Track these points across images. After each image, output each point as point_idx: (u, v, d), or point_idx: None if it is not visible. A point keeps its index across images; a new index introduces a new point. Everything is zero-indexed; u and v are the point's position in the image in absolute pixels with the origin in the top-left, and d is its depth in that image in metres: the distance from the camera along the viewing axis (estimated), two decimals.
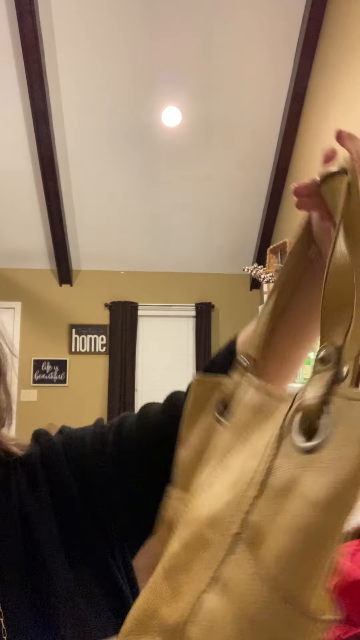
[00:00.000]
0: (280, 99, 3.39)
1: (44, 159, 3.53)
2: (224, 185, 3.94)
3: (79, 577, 0.49)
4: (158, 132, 3.56)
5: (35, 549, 0.48)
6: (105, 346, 4.60)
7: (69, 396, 4.54)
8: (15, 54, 3.08)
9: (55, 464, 0.54)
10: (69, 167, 3.76)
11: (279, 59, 3.19)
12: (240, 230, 4.32)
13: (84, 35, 3.06)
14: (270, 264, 3.20)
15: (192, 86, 3.31)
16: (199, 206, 4.10)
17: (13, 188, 3.87)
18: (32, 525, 0.49)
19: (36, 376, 4.52)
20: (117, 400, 4.44)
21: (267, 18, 3.00)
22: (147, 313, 4.69)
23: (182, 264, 4.66)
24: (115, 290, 4.70)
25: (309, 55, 3.02)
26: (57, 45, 3.10)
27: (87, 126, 3.51)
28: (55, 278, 4.65)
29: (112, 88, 3.32)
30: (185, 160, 3.75)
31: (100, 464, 0.51)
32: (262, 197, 4.03)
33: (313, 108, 3.05)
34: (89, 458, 0.52)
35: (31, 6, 2.78)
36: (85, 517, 0.51)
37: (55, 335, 4.59)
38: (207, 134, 3.58)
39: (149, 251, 4.52)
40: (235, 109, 3.44)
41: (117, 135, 3.58)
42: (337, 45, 2.66)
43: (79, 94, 3.34)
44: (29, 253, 4.48)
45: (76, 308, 4.64)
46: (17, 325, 4.57)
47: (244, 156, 3.73)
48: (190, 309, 4.69)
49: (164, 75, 3.26)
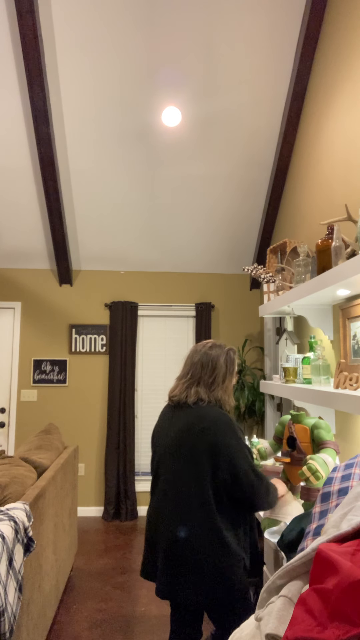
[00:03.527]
0: (280, 99, 3.39)
1: (44, 159, 3.53)
2: (224, 186, 3.94)
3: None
4: (158, 132, 3.56)
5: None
6: (105, 346, 4.60)
7: (69, 396, 4.54)
8: (15, 54, 3.08)
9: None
10: (69, 167, 3.76)
11: (279, 59, 3.19)
12: (240, 230, 4.32)
13: (84, 35, 3.06)
14: (270, 264, 3.20)
15: (192, 86, 3.31)
16: (199, 206, 4.10)
17: (13, 188, 3.87)
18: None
19: (36, 376, 4.52)
20: (117, 400, 4.44)
21: (267, 18, 3.00)
22: (147, 313, 4.69)
23: (182, 264, 4.66)
24: (115, 290, 4.70)
25: (309, 55, 3.02)
26: (57, 45, 3.10)
27: (87, 126, 3.51)
28: (55, 278, 4.65)
29: (112, 88, 3.32)
30: (186, 160, 3.75)
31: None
32: (262, 197, 4.03)
33: (313, 108, 3.05)
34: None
35: (31, 6, 2.79)
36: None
37: (55, 335, 4.59)
38: (207, 134, 3.58)
39: (149, 251, 4.52)
40: (235, 109, 3.44)
41: (117, 135, 3.58)
42: (337, 45, 2.66)
43: (79, 94, 3.34)
44: (29, 253, 4.48)
45: (76, 308, 4.65)
46: (17, 325, 4.57)
47: (244, 156, 3.73)
48: (190, 309, 4.69)
49: (164, 75, 3.26)
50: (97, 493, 4.50)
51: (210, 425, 1.62)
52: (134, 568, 3.33)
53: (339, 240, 1.84)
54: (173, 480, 1.65)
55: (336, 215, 2.61)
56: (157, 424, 1.85)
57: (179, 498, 1.63)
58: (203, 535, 1.58)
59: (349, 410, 1.64)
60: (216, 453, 1.60)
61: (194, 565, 1.58)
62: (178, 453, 1.65)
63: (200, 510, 1.60)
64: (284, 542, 1.64)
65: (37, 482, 2.28)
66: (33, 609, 1.97)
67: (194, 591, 1.57)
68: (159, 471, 1.75)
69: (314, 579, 0.64)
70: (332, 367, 2.58)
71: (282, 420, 2.32)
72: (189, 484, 1.62)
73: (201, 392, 1.72)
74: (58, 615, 2.69)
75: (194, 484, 1.61)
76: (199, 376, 1.74)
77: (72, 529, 3.05)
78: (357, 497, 0.83)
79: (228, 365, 1.77)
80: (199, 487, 1.61)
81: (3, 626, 1.49)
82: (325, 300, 2.33)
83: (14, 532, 1.66)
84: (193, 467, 1.62)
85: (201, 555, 1.58)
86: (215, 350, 1.77)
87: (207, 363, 1.75)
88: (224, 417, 1.66)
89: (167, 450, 1.70)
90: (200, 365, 1.75)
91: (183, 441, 1.65)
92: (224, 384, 1.75)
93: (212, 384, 1.74)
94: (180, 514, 1.61)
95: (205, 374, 1.74)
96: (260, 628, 0.70)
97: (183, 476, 1.63)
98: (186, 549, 1.59)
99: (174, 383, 1.82)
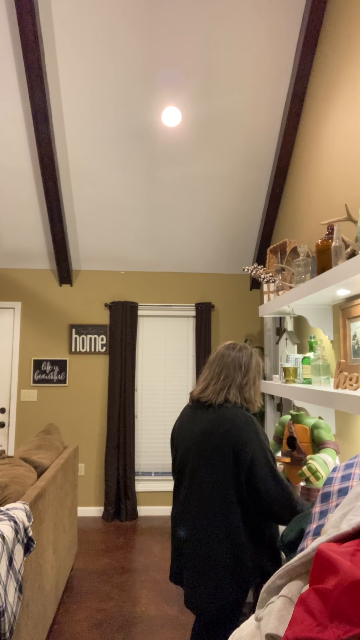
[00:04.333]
0: (280, 99, 3.39)
1: (44, 159, 3.53)
2: (224, 185, 3.94)
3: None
4: (158, 132, 3.56)
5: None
6: (105, 346, 4.60)
7: (69, 396, 4.54)
8: (15, 54, 3.08)
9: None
10: (69, 167, 3.76)
11: (279, 59, 3.19)
12: (240, 230, 4.32)
13: (84, 35, 3.06)
14: (270, 264, 3.20)
15: (192, 86, 3.31)
16: (199, 206, 4.10)
17: (13, 188, 3.87)
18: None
19: (36, 376, 4.52)
20: (117, 400, 4.44)
21: (267, 18, 3.00)
22: (147, 313, 4.69)
23: (182, 264, 4.66)
24: (115, 290, 4.70)
25: (309, 55, 3.02)
26: (57, 45, 3.10)
27: (87, 126, 3.51)
28: (55, 278, 4.66)
29: (112, 88, 3.32)
30: (185, 160, 3.75)
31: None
32: (262, 197, 4.03)
33: (313, 108, 3.05)
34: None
35: (31, 6, 2.79)
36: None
37: (55, 335, 4.59)
38: (207, 134, 3.58)
39: (149, 251, 4.52)
40: (235, 108, 3.44)
41: (117, 135, 3.58)
42: (337, 45, 2.66)
43: (79, 94, 3.34)
44: (29, 253, 4.48)
45: (76, 308, 4.65)
46: (17, 325, 4.57)
47: (244, 156, 3.73)
48: (190, 309, 4.69)
49: (164, 75, 3.26)
50: (97, 493, 4.50)
51: (233, 427, 1.62)
52: (134, 568, 3.34)
53: (339, 240, 1.84)
54: (197, 483, 1.64)
55: (336, 215, 2.60)
56: (177, 423, 1.85)
57: (201, 502, 1.61)
58: (222, 540, 1.57)
59: (349, 410, 1.64)
60: (239, 456, 1.59)
61: (211, 573, 1.56)
62: (201, 454, 1.64)
63: (228, 520, 1.58)
64: (283, 542, 1.64)
65: (37, 482, 2.28)
66: (33, 609, 1.97)
67: (206, 600, 1.55)
68: (181, 473, 1.75)
69: (314, 579, 0.64)
70: (332, 367, 2.58)
71: (282, 420, 2.32)
72: (211, 486, 1.60)
73: (233, 393, 1.74)
74: (58, 615, 2.69)
75: (217, 486, 1.60)
76: (232, 377, 1.76)
77: (72, 529, 3.05)
78: (357, 497, 0.83)
79: (258, 367, 1.82)
80: (222, 490, 1.60)
81: (3, 626, 1.49)
82: (325, 300, 2.33)
83: (14, 532, 1.66)
84: (217, 470, 1.61)
85: (218, 562, 1.56)
86: (245, 351, 1.82)
87: (238, 364, 1.78)
88: (248, 419, 1.66)
89: (190, 451, 1.70)
90: (232, 367, 1.78)
91: (207, 443, 1.64)
92: (254, 385, 1.79)
93: (245, 385, 1.76)
94: (202, 519, 1.60)
95: (239, 376, 1.76)
96: (260, 628, 0.71)
97: (206, 479, 1.62)
98: (205, 555, 1.58)
99: (199, 384, 1.83)
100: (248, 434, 1.61)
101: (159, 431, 4.61)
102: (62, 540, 2.68)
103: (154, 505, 4.52)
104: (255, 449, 1.60)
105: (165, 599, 2.90)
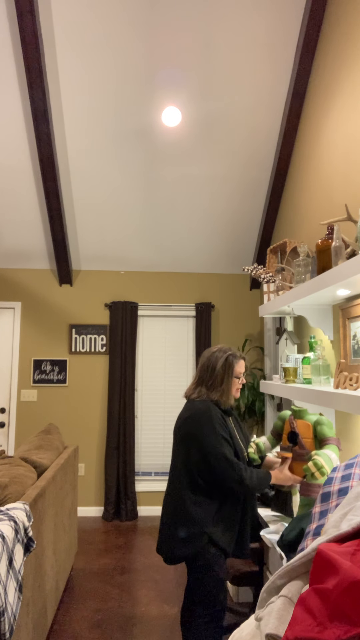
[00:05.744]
0: (280, 99, 3.39)
1: (43, 159, 3.53)
2: (224, 185, 3.94)
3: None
4: (158, 132, 3.56)
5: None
6: (105, 346, 4.60)
7: (69, 396, 4.54)
8: (15, 54, 3.08)
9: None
10: (69, 167, 3.76)
11: (279, 58, 3.19)
12: (240, 230, 4.32)
13: (84, 35, 3.06)
14: (270, 264, 3.20)
15: (192, 86, 3.31)
16: (199, 206, 4.10)
17: (13, 188, 3.87)
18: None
19: (36, 376, 4.52)
20: (117, 400, 4.44)
21: (267, 18, 3.00)
22: (147, 313, 4.69)
23: (182, 264, 4.66)
24: (115, 290, 4.70)
25: (309, 55, 3.02)
26: (57, 45, 3.10)
27: (87, 126, 3.51)
28: (55, 278, 4.66)
29: (112, 88, 3.32)
30: (185, 160, 3.75)
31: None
32: (262, 196, 4.03)
33: (313, 107, 3.05)
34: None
35: (31, 6, 2.79)
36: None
37: (55, 335, 4.59)
38: (207, 134, 3.58)
39: (149, 251, 4.52)
40: (235, 108, 3.44)
41: (117, 135, 3.58)
42: (337, 45, 2.66)
43: (79, 94, 3.34)
44: (29, 253, 4.48)
45: (76, 308, 4.65)
46: (17, 325, 4.57)
47: (244, 156, 3.73)
48: (190, 309, 4.69)
49: (164, 75, 3.26)
50: (97, 493, 4.50)
51: (191, 415, 1.93)
52: (134, 568, 3.34)
53: (339, 240, 1.84)
54: (172, 458, 2.02)
55: (336, 215, 2.61)
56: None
57: (171, 477, 1.99)
58: (174, 506, 1.92)
59: (349, 410, 1.64)
60: (191, 440, 1.91)
61: (166, 528, 1.94)
62: (175, 436, 2.01)
63: (178, 487, 1.92)
64: (283, 542, 1.64)
65: (37, 482, 2.28)
66: (33, 609, 1.97)
67: (164, 548, 1.94)
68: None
69: (314, 579, 0.64)
70: (332, 367, 2.58)
71: (281, 415, 2.31)
72: (176, 466, 1.96)
73: (201, 390, 2.00)
74: (58, 615, 2.69)
75: (179, 465, 1.94)
76: (203, 378, 2.02)
77: (72, 529, 3.05)
78: (357, 497, 0.83)
79: (225, 368, 1.99)
80: (180, 468, 1.93)
81: (3, 626, 1.49)
82: (325, 300, 2.33)
83: (14, 532, 1.66)
84: (177, 452, 1.96)
85: (170, 521, 1.93)
86: (217, 354, 2.02)
87: (207, 366, 2.02)
88: (205, 408, 1.93)
89: (174, 435, 2.06)
90: (203, 368, 2.03)
91: (176, 429, 2.01)
92: (221, 386, 1.99)
93: (211, 385, 2.00)
94: (170, 491, 1.97)
95: (206, 376, 2.01)
96: (260, 628, 0.71)
97: (174, 459, 1.98)
98: (165, 514, 1.98)
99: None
100: (201, 418, 1.90)
101: (159, 431, 4.61)
102: (62, 540, 2.68)
103: (154, 505, 4.52)
104: (204, 433, 1.88)
105: (165, 599, 2.90)
